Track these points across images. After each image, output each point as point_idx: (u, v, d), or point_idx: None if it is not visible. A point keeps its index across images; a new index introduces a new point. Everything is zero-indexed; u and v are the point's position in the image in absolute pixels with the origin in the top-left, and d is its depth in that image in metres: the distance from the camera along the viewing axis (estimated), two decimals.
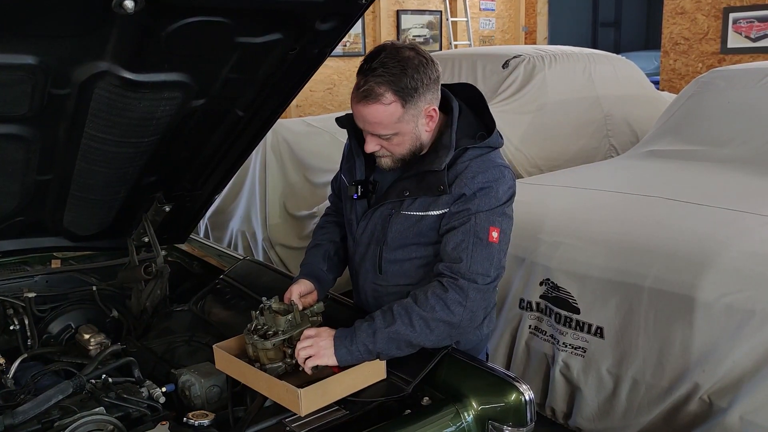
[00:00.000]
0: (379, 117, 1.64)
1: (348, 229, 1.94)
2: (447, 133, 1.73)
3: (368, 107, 1.64)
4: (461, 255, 1.65)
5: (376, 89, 1.61)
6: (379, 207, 1.81)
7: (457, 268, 1.65)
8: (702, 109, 4.02)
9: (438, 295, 1.64)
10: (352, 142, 1.88)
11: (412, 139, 1.72)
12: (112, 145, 1.85)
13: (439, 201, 1.72)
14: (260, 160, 4.28)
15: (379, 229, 1.81)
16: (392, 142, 1.71)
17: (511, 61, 5.10)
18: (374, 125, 1.67)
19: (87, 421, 1.54)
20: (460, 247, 1.66)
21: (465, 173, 1.70)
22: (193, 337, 2.13)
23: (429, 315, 1.62)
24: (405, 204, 1.76)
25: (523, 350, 2.93)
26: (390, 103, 1.63)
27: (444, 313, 1.62)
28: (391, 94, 1.62)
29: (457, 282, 1.64)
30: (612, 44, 13.05)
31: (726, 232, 2.64)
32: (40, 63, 1.49)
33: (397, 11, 8.67)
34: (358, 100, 1.65)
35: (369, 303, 1.92)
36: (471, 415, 1.57)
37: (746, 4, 6.90)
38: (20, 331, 2.16)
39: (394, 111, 1.64)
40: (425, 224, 1.74)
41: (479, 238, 1.66)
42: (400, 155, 1.75)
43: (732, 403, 2.30)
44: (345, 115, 1.84)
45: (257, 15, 1.57)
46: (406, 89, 1.62)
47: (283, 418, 1.58)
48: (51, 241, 2.38)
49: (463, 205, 1.69)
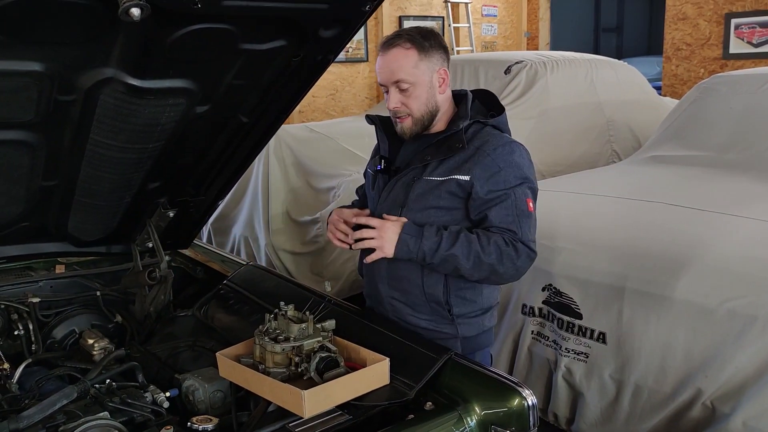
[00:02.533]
0: (399, 60, 1.86)
1: (370, 209, 2.06)
2: (462, 108, 1.94)
3: (389, 51, 1.87)
4: (511, 227, 1.85)
5: (395, 39, 1.88)
6: (402, 176, 1.96)
7: (513, 235, 1.84)
8: (704, 114, 4.02)
9: (498, 245, 1.82)
10: (378, 132, 2.06)
11: (427, 95, 1.89)
12: (117, 151, 1.87)
13: (462, 167, 1.87)
14: (263, 165, 4.29)
15: (401, 195, 1.94)
16: (411, 96, 1.88)
17: (513, 66, 5.10)
18: (395, 70, 1.86)
19: (92, 425, 1.55)
20: (507, 221, 1.84)
21: (486, 146, 1.88)
22: (197, 342, 2.14)
23: (484, 257, 1.81)
24: (428, 170, 1.91)
25: (525, 355, 2.93)
26: (408, 48, 1.86)
27: (496, 262, 1.82)
28: (409, 42, 1.87)
29: (516, 244, 1.84)
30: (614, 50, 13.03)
31: (729, 237, 2.64)
32: (46, 69, 1.50)
33: (399, 17, 8.69)
34: (382, 51, 1.89)
35: (382, 275, 2.00)
36: (474, 420, 1.58)
37: (748, 9, 6.90)
38: (24, 336, 2.17)
39: (411, 55, 1.86)
40: (445, 188, 1.88)
41: (521, 210, 1.86)
42: (419, 115, 1.90)
43: (735, 409, 2.29)
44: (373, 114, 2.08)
45: (261, 22, 1.59)
46: (421, 42, 1.88)
47: (287, 423, 1.57)
48: (55, 246, 2.39)
49: (496, 182, 1.85)
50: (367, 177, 2.14)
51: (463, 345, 1.98)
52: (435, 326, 1.97)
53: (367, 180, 2.14)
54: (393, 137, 2.02)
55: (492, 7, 9.74)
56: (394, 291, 1.99)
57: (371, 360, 1.71)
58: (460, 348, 1.95)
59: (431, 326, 1.97)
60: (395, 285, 1.99)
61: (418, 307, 1.97)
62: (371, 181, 2.08)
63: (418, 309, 1.97)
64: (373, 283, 2.05)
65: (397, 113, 1.91)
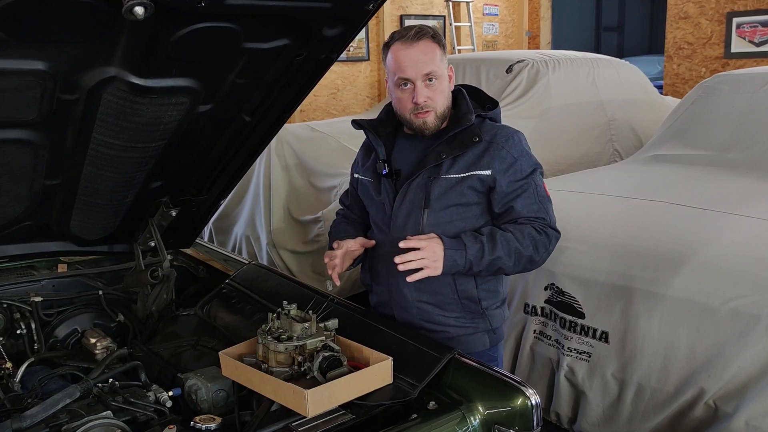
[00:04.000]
0: (429, 52, 1.88)
1: (377, 215, 2.04)
2: (463, 104, 1.96)
3: (417, 44, 1.87)
4: (539, 214, 1.90)
5: (421, 32, 1.89)
6: (415, 178, 1.94)
7: (542, 222, 1.91)
8: (706, 113, 4.01)
9: (533, 236, 1.88)
10: (371, 135, 2.05)
11: (447, 89, 1.94)
12: (120, 150, 1.86)
13: (481, 162, 1.89)
14: (264, 164, 4.29)
15: (420, 196, 1.94)
16: (437, 90, 1.90)
17: (514, 65, 5.10)
18: (425, 61, 1.86)
19: (94, 424, 1.54)
20: (534, 209, 1.90)
21: (498, 138, 1.91)
22: (199, 342, 2.13)
23: (523, 251, 1.86)
24: (444, 168, 1.92)
25: (527, 355, 2.93)
26: (432, 42, 1.89)
27: (534, 252, 1.88)
28: (431, 37, 1.90)
29: (546, 230, 1.91)
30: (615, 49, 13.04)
31: (731, 236, 2.64)
32: (49, 68, 1.50)
33: (400, 16, 8.68)
34: (408, 44, 1.87)
35: (399, 283, 1.97)
36: (477, 420, 1.58)
37: (750, 8, 6.90)
38: (27, 335, 2.17)
39: (436, 49, 1.90)
40: (467, 185, 1.91)
41: (542, 195, 1.93)
42: (441, 109, 1.92)
43: (738, 408, 2.29)
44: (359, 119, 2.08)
45: (265, 21, 1.59)
46: (440, 38, 1.92)
47: (290, 422, 1.57)
48: (58, 245, 2.38)
49: (515, 172, 1.89)
50: (362, 184, 2.10)
51: (490, 337, 2.03)
52: (464, 323, 2.00)
53: (363, 187, 2.10)
54: (386, 139, 2.02)
55: (493, 6, 9.74)
56: (423, 294, 1.99)
57: (374, 359, 1.71)
58: (488, 341, 2.01)
59: (460, 323, 2.00)
60: (423, 288, 1.97)
61: (448, 306, 1.99)
62: (373, 188, 2.05)
63: (449, 308, 1.99)
64: (394, 290, 2.03)
65: (425, 107, 1.90)
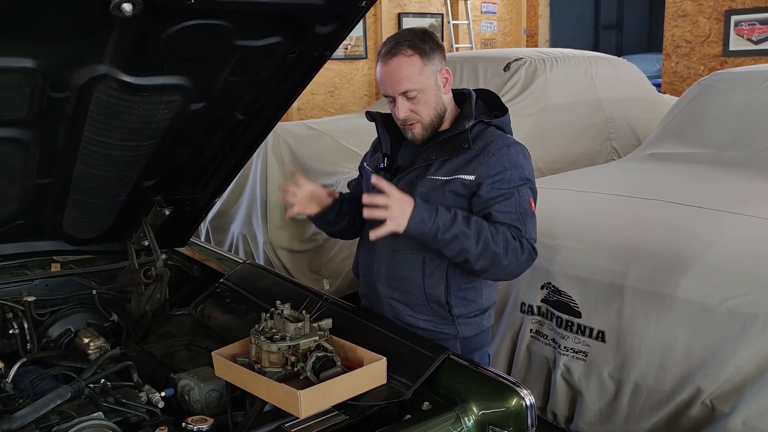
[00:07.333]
0: (404, 69, 1.83)
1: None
2: (467, 108, 1.93)
3: (392, 61, 1.83)
4: (516, 225, 1.84)
5: (396, 48, 1.84)
6: (405, 175, 1.94)
7: (518, 232, 1.84)
8: (704, 111, 4.01)
9: (507, 238, 1.81)
10: (380, 129, 2.03)
11: (434, 98, 1.88)
12: (112, 149, 1.85)
13: (467, 167, 1.86)
14: (261, 163, 4.28)
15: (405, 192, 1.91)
16: (419, 103, 1.86)
17: (512, 63, 5.09)
18: (401, 80, 1.83)
19: (85, 426, 1.53)
20: (511, 217, 1.84)
21: (491, 146, 1.87)
22: (193, 342, 2.12)
23: (493, 245, 1.79)
24: (432, 169, 1.90)
25: (524, 354, 2.92)
26: (410, 55, 1.83)
27: (503, 252, 1.80)
28: (410, 48, 1.83)
29: (522, 240, 1.84)
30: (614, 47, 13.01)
31: (728, 235, 2.63)
32: (39, 66, 1.49)
33: (398, 14, 8.66)
34: (384, 62, 1.85)
35: (381, 275, 1.98)
36: (471, 420, 1.56)
37: (748, 6, 6.88)
38: (19, 334, 2.15)
39: (415, 62, 1.83)
40: (450, 188, 1.87)
41: (524, 208, 1.86)
42: (428, 120, 1.89)
43: (734, 408, 2.28)
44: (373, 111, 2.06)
45: (256, 18, 1.57)
46: (422, 47, 1.84)
47: (283, 423, 1.56)
48: (51, 244, 2.37)
49: (500, 180, 1.84)
50: (364, 172, 2.12)
51: (462, 345, 1.97)
52: (434, 326, 1.96)
53: (364, 175, 2.12)
54: (394, 135, 2.01)
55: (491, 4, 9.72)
56: (394, 291, 1.98)
57: (368, 359, 1.69)
58: (460, 348, 1.94)
59: (430, 326, 1.96)
60: (395, 285, 1.97)
61: (417, 308, 1.96)
62: (369, 178, 2.06)
63: (418, 309, 1.96)
64: (371, 283, 2.03)
65: (407, 120, 1.89)
